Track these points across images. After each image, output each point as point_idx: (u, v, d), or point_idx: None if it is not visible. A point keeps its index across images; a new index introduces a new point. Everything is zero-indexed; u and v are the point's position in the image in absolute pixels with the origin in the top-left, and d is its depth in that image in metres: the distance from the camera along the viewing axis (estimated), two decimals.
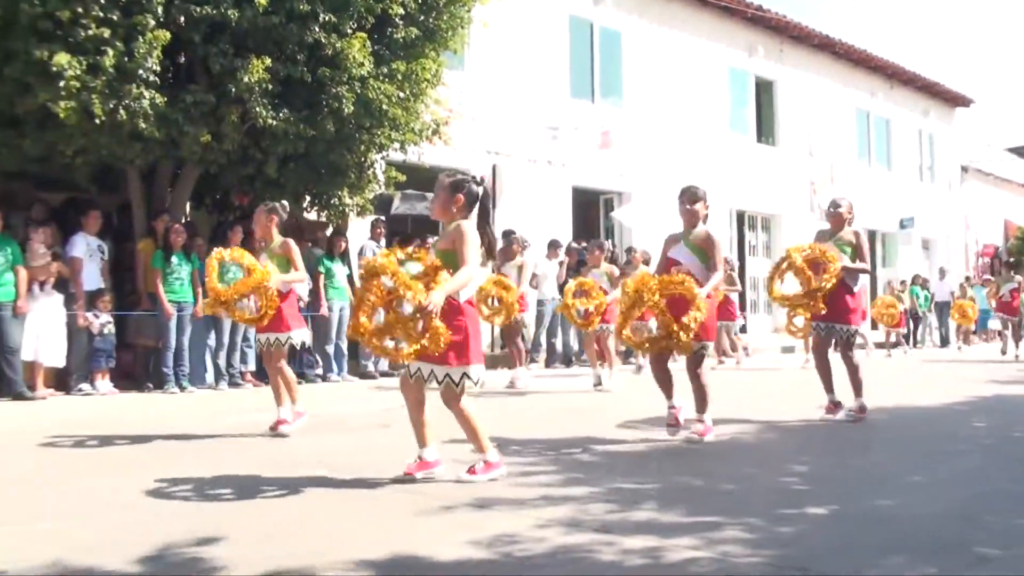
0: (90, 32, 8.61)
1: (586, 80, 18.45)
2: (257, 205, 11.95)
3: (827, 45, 23.74)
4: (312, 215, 12.58)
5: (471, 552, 3.39)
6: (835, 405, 7.30)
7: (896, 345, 18.84)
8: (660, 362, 6.46)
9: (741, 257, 20.83)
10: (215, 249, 7.03)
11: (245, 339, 10.63)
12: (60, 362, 9.56)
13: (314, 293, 11.04)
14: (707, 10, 20.53)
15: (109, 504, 4.34)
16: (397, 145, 11.19)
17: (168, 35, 9.01)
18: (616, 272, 10.51)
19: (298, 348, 7.86)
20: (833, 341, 7.37)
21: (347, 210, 11.89)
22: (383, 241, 12.08)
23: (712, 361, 10.62)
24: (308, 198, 11.89)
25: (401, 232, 14.19)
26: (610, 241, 15.65)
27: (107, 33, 8.71)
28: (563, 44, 17.91)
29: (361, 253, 12.02)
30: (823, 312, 6.93)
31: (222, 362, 10.63)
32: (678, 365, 6.52)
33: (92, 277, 9.84)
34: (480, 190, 5.01)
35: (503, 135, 16.24)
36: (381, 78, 10.28)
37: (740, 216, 21.61)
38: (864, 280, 7.43)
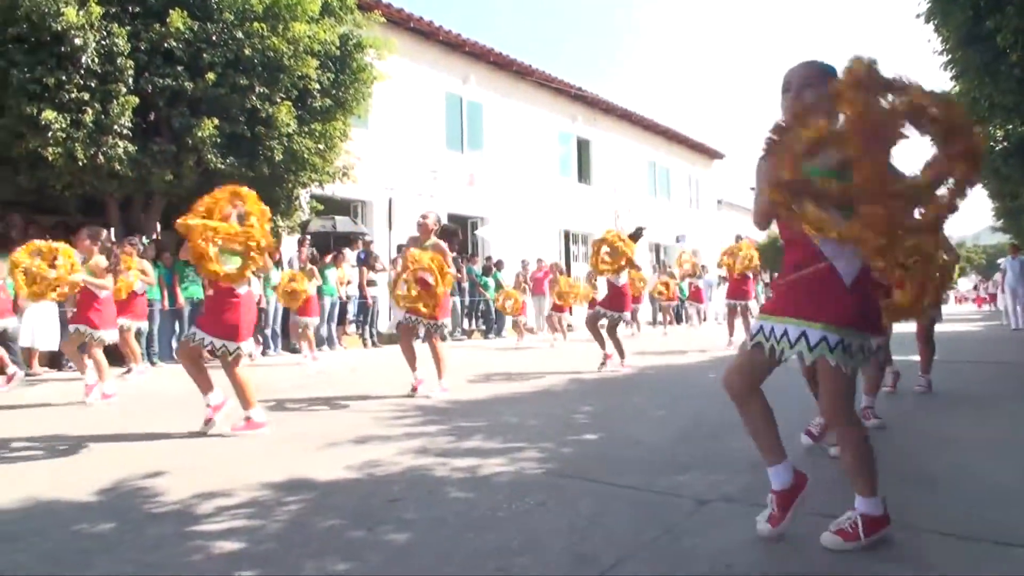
0: (72, 95, 8.15)
1: (457, 136, 18.45)
2: None
3: (627, 115, 24.46)
4: None
5: (346, 474, 3.43)
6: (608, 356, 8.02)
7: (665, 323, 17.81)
8: (406, 338, 6.15)
9: (568, 262, 21.31)
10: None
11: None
12: (54, 346, 9.01)
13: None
14: (543, 89, 20.90)
15: (69, 453, 4.14)
16: (316, 183, 10.99)
17: (137, 100, 8.61)
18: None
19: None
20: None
21: (280, 231, 11.61)
22: (305, 252, 11.68)
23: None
24: None
25: (324, 244, 13.91)
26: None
27: (87, 96, 8.27)
28: (440, 110, 17.87)
29: (290, 263, 11.73)
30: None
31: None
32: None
33: None
34: None
35: (396, 175, 16.10)
36: (303, 135, 10.09)
37: (567, 234, 22.00)
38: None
